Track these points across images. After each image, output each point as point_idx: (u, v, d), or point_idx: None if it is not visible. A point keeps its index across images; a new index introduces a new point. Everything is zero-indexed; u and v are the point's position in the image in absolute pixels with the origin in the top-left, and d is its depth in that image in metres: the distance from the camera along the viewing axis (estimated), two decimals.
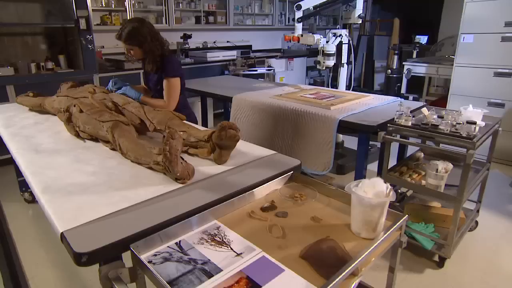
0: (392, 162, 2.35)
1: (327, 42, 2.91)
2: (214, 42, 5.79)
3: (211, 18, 5.58)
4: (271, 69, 5.17)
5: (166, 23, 4.90)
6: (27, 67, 3.59)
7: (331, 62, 2.84)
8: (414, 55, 5.20)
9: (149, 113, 1.69)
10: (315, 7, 3.11)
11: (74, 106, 1.80)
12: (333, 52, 2.81)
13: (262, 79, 5.11)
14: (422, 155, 2.53)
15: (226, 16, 5.66)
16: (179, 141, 1.13)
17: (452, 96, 3.91)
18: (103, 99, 1.88)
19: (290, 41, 3.11)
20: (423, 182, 2.11)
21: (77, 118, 1.74)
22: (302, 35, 3.00)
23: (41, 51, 3.96)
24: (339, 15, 7.41)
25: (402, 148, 2.79)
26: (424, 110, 2.09)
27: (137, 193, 1.16)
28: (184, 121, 1.65)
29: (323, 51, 2.85)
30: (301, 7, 3.03)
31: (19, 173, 2.81)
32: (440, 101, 4.99)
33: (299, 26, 3.07)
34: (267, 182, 1.27)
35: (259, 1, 6.27)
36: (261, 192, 1.25)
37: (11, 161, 2.00)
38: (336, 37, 2.79)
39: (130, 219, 1.02)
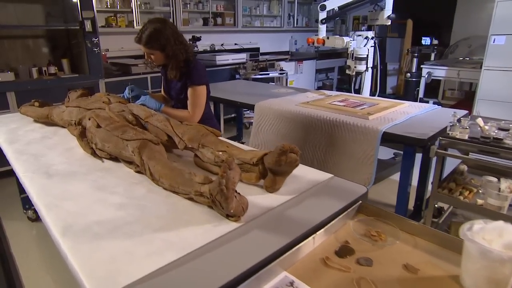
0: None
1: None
2: (222, 44, 5.56)
3: (218, 20, 5.35)
4: (284, 73, 4.93)
5: None
6: (28, 72, 3.36)
7: (363, 66, 2.61)
8: (432, 58, 5.00)
9: (178, 128, 1.46)
10: (340, 8, 2.89)
11: (89, 119, 1.56)
12: (365, 56, 2.58)
13: (273, 83, 4.87)
14: (466, 168, 2.30)
15: (234, 18, 5.43)
16: (236, 171, 0.90)
17: (480, 101, 3.70)
18: (122, 111, 1.64)
19: (313, 44, 2.89)
20: (479, 201, 1.88)
21: (93, 134, 1.50)
22: (328, 37, 2.78)
23: (43, 54, 3.71)
24: (347, 17, 7.21)
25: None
26: (479, 121, 1.87)
27: (182, 236, 0.93)
28: (220, 138, 1.42)
29: (353, 54, 2.62)
30: (325, 7, 2.81)
31: (22, 190, 2.56)
32: (459, 106, 4.78)
33: (323, 28, 2.85)
34: (335, 218, 1.04)
35: (267, 2, 6.05)
36: (330, 231, 1.02)
37: (11, 173, 1.77)
38: (368, 40, 2.56)
39: (183, 279, 0.78)
